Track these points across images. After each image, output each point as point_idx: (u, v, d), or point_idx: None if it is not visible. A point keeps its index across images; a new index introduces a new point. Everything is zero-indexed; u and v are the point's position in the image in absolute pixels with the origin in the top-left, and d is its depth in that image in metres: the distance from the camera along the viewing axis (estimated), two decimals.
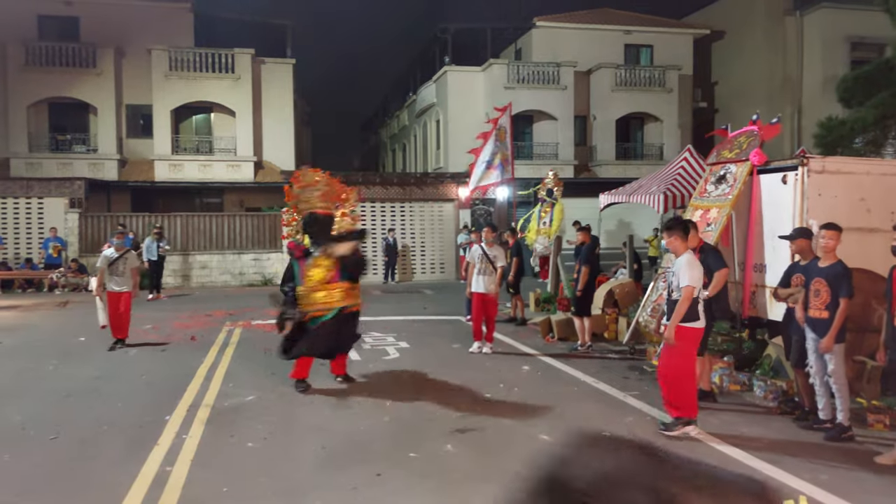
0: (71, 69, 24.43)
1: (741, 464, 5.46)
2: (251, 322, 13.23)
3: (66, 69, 24.37)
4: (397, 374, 8.86)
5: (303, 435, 6.27)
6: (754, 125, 9.12)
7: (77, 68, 24.50)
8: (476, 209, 24.38)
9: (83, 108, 25.14)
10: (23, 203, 20.77)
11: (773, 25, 27.90)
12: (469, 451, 5.78)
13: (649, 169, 22.93)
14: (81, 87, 24.59)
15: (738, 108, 27.19)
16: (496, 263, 10.17)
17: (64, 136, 25.09)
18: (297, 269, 7.97)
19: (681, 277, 6.21)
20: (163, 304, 16.66)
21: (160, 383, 8.25)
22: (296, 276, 7.98)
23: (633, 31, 29.50)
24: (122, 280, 10.54)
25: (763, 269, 8.37)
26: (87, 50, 24.58)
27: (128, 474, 5.24)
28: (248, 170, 25.81)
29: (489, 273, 10.17)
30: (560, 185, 14.42)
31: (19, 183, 21.22)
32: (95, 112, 24.96)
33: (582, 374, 8.73)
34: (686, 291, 6.13)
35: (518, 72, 27.32)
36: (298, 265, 7.98)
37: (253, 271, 22.03)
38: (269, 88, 26.66)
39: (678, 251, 6.40)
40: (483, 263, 10.20)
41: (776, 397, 7.29)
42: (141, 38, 24.85)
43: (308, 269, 7.90)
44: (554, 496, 4.90)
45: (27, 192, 20.89)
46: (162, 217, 21.70)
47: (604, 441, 6.07)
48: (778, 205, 8.24)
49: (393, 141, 40.11)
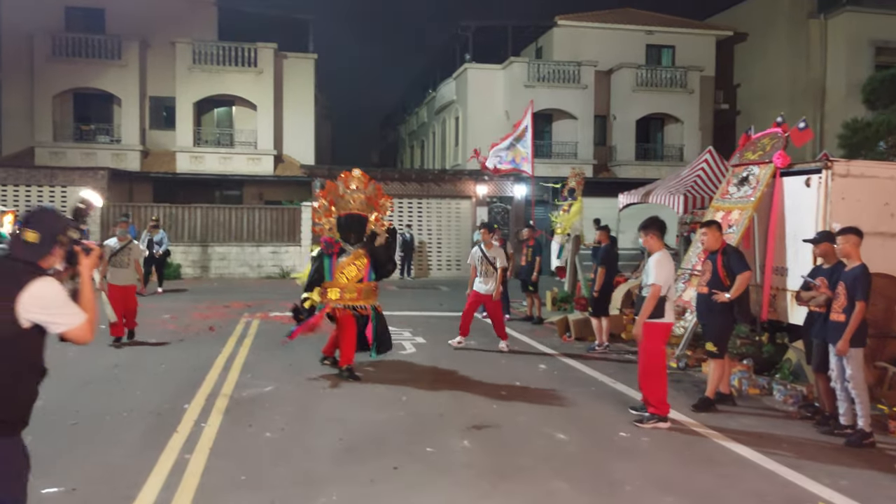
0: (96, 60, 24.68)
1: (760, 467, 5.43)
2: (269, 314, 13.31)
3: (91, 60, 24.62)
4: (413, 368, 8.88)
5: (320, 426, 6.30)
6: (778, 127, 9.06)
7: (102, 60, 24.75)
8: (493, 207, 24.36)
9: (107, 99, 25.39)
10: (46, 191, 21.04)
11: (796, 28, 27.63)
12: (485, 448, 5.79)
13: (669, 170, 22.81)
14: (106, 78, 24.84)
15: (760, 111, 26.95)
16: (496, 264, 10.07)
17: (88, 127, 25.36)
18: (329, 265, 8.08)
19: (650, 275, 6.49)
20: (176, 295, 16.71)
21: (179, 372, 8.33)
22: (326, 271, 8.07)
23: (655, 32, 29.32)
24: (125, 273, 9.99)
25: (784, 272, 8.31)
26: (112, 42, 24.82)
27: (147, 460, 5.30)
28: (268, 163, 25.95)
29: (490, 274, 10.09)
30: (581, 183, 14.37)
31: (44, 172, 21.51)
32: (119, 103, 25.21)
33: (599, 374, 8.71)
34: (653, 289, 6.41)
35: (538, 70, 27.24)
36: (331, 261, 8.08)
37: (271, 264, 22.17)
38: (290, 83, 26.78)
39: (653, 249, 6.71)
40: (483, 265, 10.18)
41: (796, 402, 7.24)
42: (165, 31, 25.05)
43: (342, 267, 8.05)
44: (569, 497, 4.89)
45: (51, 180, 21.16)
46: (182, 208, 21.91)
47: (621, 442, 6.05)
48: (801, 208, 8.18)
49: (412, 138, 40.15)
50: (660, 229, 6.76)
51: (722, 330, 7.08)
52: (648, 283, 6.50)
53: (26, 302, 2.89)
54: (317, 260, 8.25)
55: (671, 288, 6.56)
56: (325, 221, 8.32)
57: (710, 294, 7.00)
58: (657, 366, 6.54)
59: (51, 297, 2.95)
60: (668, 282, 6.51)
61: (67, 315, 2.99)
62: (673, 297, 6.63)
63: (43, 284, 2.95)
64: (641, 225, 6.82)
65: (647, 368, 6.55)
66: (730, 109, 30.53)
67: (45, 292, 2.94)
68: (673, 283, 6.60)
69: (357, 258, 8.12)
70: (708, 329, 7.23)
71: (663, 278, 6.43)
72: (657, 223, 6.79)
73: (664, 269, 6.47)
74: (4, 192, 20.68)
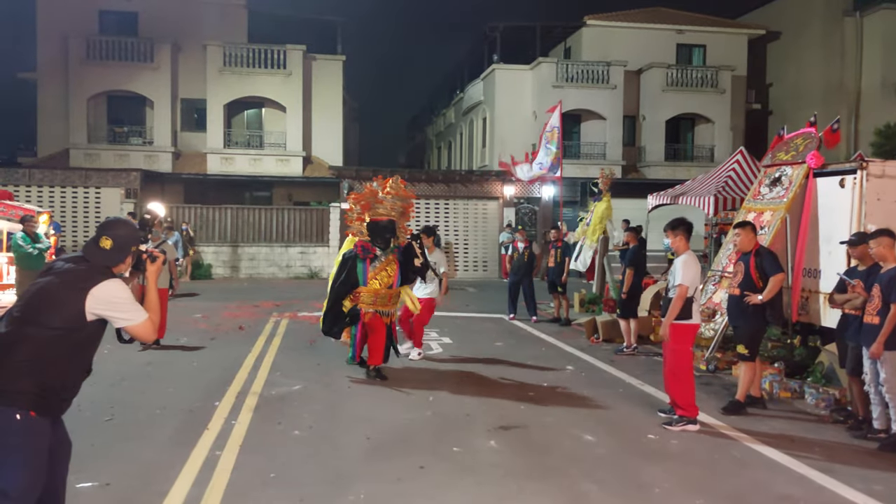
0: (129, 63, 25.09)
1: (792, 471, 5.36)
2: (297, 314, 13.43)
3: (124, 63, 25.04)
4: (440, 368, 8.90)
5: (348, 425, 6.35)
6: (812, 127, 8.93)
7: (135, 62, 25.15)
8: (520, 208, 24.32)
9: (140, 102, 25.80)
10: (81, 193, 21.47)
11: (831, 26, 27.16)
12: (512, 449, 5.78)
13: (699, 171, 22.56)
14: (139, 80, 25.24)
15: (793, 111, 26.57)
16: (438, 269, 9.56)
17: (121, 129, 25.80)
18: (363, 270, 8.12)
19: (676, 276, 6.45)
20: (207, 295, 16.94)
21: (209, 370, 8.44)
22: (360, 275, 8.11)
23: (685, 31, 29.03)
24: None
25: (817, 274, 8.19)
26: (145, 45, 25.22)
27: (179, 456, 5.39)
28: (297, 164, 26.17)
29: (432, 279, 9.49)
30: (607, 183, 14.27)
31: (78, 173, 21.93)
32: (152, 105, 25.59)
33: (627, 375, 8.65)
34: (680, 290, 6.37)
35: (567, 70, 27.11)
36: (364, 266, 8.13)
37: (300, 264, 22.35)
38: (319, 84, 26.97)
39: (680, 250, 6.64)
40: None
41: (828, 405, 7.12)
42: (197, 34, 25.38)
43: (376, 273, 8.11)
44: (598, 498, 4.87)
45: (85, 182, 21.58)
46: (212, 209, 22.21)
47: (649, 444, 6.01)
48: (834, 209, 8.05)
49: (439, 139, 40.22)
50: (688, 230, 6.72)
51: (753, 332, 7.00)
52: (675, 284, 6.45)
53: (95, 297, 3.26)
54: (347, 263, 8.26)
55: (697, 289, 6.50)
56: (358, 226, 8.34)
57: (742, 296, 6.93)
58: (685, 367, 6.48)
59: (117, 296, 3.33)
60: (695, 283, 6.46)
61: (130, 312, 3.37)
62: (700, 299, 6.57)
63: (112, 284, 3.33)
64: (669, 225, 6.76)
65: (675, 370, 6.49)
66: (762, 109, 30.12)
67: (112, 291, 3.32)
68: (699, 284, 6.54)
69: (388, 264, 8.17)
70: (739, 331, 7.15)
71: (690, 279, 6.39)
72: (685, 223, 6.75)
73: (691, 270, 6.43)
74: (41, 192, 21.12)
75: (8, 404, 3.16)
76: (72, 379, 3.39)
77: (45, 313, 3.24)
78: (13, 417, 3.16)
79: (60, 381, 3.31)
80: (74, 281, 3.30)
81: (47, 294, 3.29)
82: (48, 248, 12.10)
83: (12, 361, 3.19)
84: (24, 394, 3.17)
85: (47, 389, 3.24)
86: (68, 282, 3.30)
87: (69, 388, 3.39)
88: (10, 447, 3.19)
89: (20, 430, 3.18)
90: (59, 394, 3.34)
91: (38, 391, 3.21)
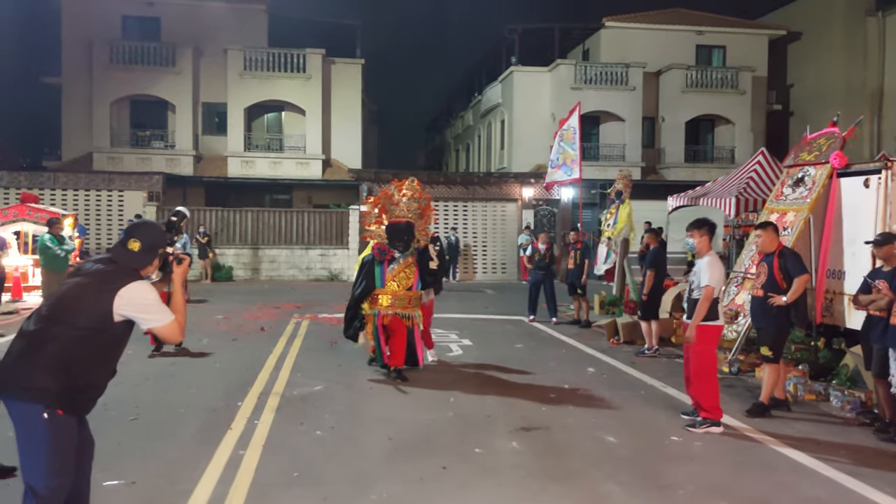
0: (152, 68, 25.40)
1: (818, 474, 5.30)
2: (318, 315, 13.50)
3: (147, 68, 25.35)
4: (460, 370, 8.90)
5: (370, 425, 6.37)
6: (834, 127, 8.85)
7: (157, 67, 25.46)
8: (539, 210, 24.27)
9: (162, 106, 26.09)
10: (104, 196, 21.76)
11: (853, 26, 26.86)
12: (534, 450, 5.77)
13: (719, 172, 22.40)
14: (161, 85, 25.53)
15: (814, 112, 26.28)
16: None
17: (144, 133, 26.12)
18: (381, 273, 8.19)
19: (701, 277, 6.38)
20: (228, 297, 17.08)
21: (232, 371, 8.51)
22: (377, 278, 8.17)
23: (705, 32, 28.85)
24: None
25: (841, 275, 8.10)
26: (167, 49, 25.52)
27: (203, 455, 5.44)
28: (317, 167, 26.33)
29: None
30: (629, 185, 14.22)
31: (101, 176, 22.23)
32: (173, 109, 25.88)
33: (649, 377, 8.60)
34: (706, 291, 6.30)
35: (585, 72, 27.04)
36: (382, 268, 8.19)
37: (320, 266, 22.47)
38: (338, 88, 27.14)
39: (703, 251, 6.59)
40: None
41: (854, 408, 7.04)
42: (218, 39, 25.66)
43: (394, 275, 8.17)
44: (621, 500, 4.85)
45: (109, 185, 21.89)
46: (233, 212, 22.40)
47: (672, 446, 5.97)
48: (858, 209, 7.97)
49: (457, 141, 40.25)
50: (711, 230, 6.67)
51: (778, 333, 6.93)
52: (701, 286, 6.39)
53: (123, 298, 3.31)
54: (365, 266, 8.32)
55: (721, 290, 6.46)
56: (376, 229, 8.38)
57: (766, 297, 6.86)
58: (709, 369, 6.42)
59: (145, 297, 3.39)
60: (720, 283, 6.41)
61: (157, 313, 3.41)
62: (722, 300, 6.52)
63: (139, 286, 3.39)
64: (693, 224, 6.69)
65: (699, 371, 6.43)
66: (783, 110, 29.85)
67: (140, 292, 3.38)
68: (723, 286, 6.49)
69: (407, 266, 8.22)
70: (763, 333, 7.08)
71: (716, 280, 6.34)
72: (709, 223, 6.69)
73: (716, 271, 6.37)
74: (65, 195, 21.43)
75: (35, 401, 3.22)
76: (98, 379, 3.44)
77: (73, 313, 3.29)
78: (41, 416, 3.21)
79: (86, 381, 3.36)
80: (102, 282, 3.35)
81: (76, 294, 3.35)
82: (73, 250, 12.27)
83: (40, 359, 3.24)
84: (50, 392, 3.22)
85: (74, 388, 3.30)
86: (97, 283, 3.35)
87: (95, 388, 3.44)
88: (38, 445, 3.24)
89: (48, 429, 3.23)
90: (86, 393, 3.40)
91: (65, 390, 3.26)
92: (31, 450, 3.26)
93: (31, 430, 3.24)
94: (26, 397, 3.22)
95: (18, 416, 3.26)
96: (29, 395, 3.22)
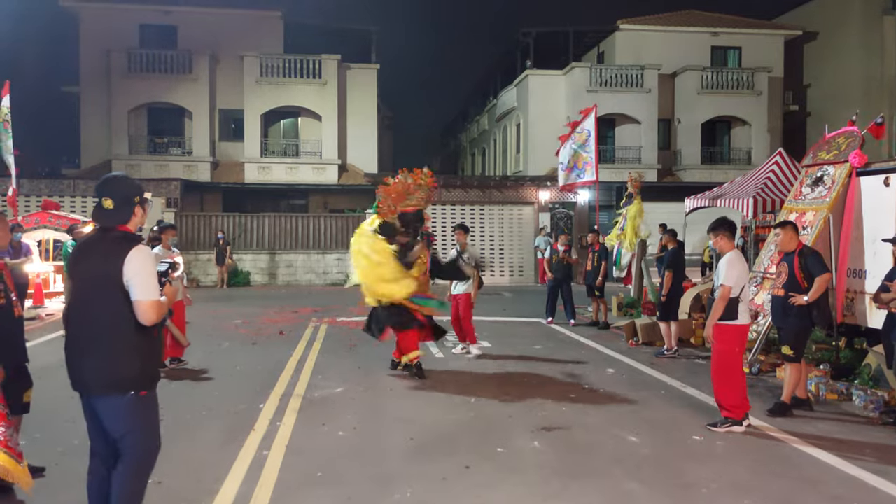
0: (169, 75, 25.69)
1: (842, 472, 5.27)
2: (336, 319, 13.57)
3: (164, 75, 25.64)
4: (480, 371, 8.93)
5: (391, 426, 6.42)
6: (853, 126, 8.80)
7: (174, 74, 25.74)
8: (556, 212, 24.25)
9: (179, 113, 26.37)
10: None
11: (870, 24, 26.69)
12: (556, 449, 5.79)
13: (736, 173, 22.30)
14: (178, 92, 25.81)
15: (832, 111, 26.08)
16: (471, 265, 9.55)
17: (161, 139, 26.40)
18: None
19: (720, 275, 6.37)
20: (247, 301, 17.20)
21: (253, 374, 8.59)
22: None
23: (720, 33, 28.77)
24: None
25: (862, 274, 8.05)
26: (183, 57, 25.80)
27: (227, 456, 5.50)
28: (333, 172, 26.47)
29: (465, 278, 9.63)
30: (637, 186, 14.14)
31: None
32: (191, 116, 26.14)
33: (668, 378, 8.59)
34: (723, 290, 6.28)
35: (600, 75, 27.04)
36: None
37: (336, 270, 22.57)
38: (353, 93, 27.30)
39: (724, 250, 6.58)
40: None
41: (877, 407, 6.98)
42: (234, 46, 25.91)
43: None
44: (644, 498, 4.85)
45: None
46: (250, 217, 22.56)
47: (694, 445, 5.97)
48: (879, 208, 7.92)
49: (472, 145, 40.32)
50: (730, 230, 6.63)
51: (799, 333, 6.89)
52: (718, 284, 6.39)
53: (128, 263, 3.39)
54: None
55: (744, 289, 6.41)
56: (392, 219, 8.47)
57: (787, 296, 6.83)
58: (730, 368, 6.38)
59: (144, 268, 3.43)
60: (741, 282, 6.34)
61: (146, 286, 3.42)
62: (747, 299, 6.48)
63: (140, 251, 3.44)
64: (711, 226, 6.70)
65: (719, 370, 6.41)
66: (799, 110, 29.68)
67: (142, 261, 3.43)
68: (747, 284, 6.45)
69: (421, 251, 8.40)
70: (784, 332, 7.04)
71: (734, 279, 6.28)
72: (727, 223, 6.66)
73: (735, 270, 6.32)
74: (84, 202, 21.66)
75: (123, 393, 3.46)
76: (156, 349, 3.67)
77: (103, 298, 3.42)
78: (131, 401, 3.48)
79: (150, 353, 3.56)
80: (107, 256, 3.43)
81: (95, 279, 3.45)
82: None
83: (108, 352, 3.42)
84: (133, 378, 3.46)
85: (147, 365, 3.52)
86: (102, 261, 3.44)
87: (157, 358, 3.72)
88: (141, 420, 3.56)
89: (147, 405, 3.57)
90: (155, 364, 3.66)
91: (141, 370, 3.47)
92: (138, 426, 3.55)
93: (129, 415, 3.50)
94: (116, 391, 3.44)
95: (110, 408, 3.48)
96: (117, 388, 3.43)
